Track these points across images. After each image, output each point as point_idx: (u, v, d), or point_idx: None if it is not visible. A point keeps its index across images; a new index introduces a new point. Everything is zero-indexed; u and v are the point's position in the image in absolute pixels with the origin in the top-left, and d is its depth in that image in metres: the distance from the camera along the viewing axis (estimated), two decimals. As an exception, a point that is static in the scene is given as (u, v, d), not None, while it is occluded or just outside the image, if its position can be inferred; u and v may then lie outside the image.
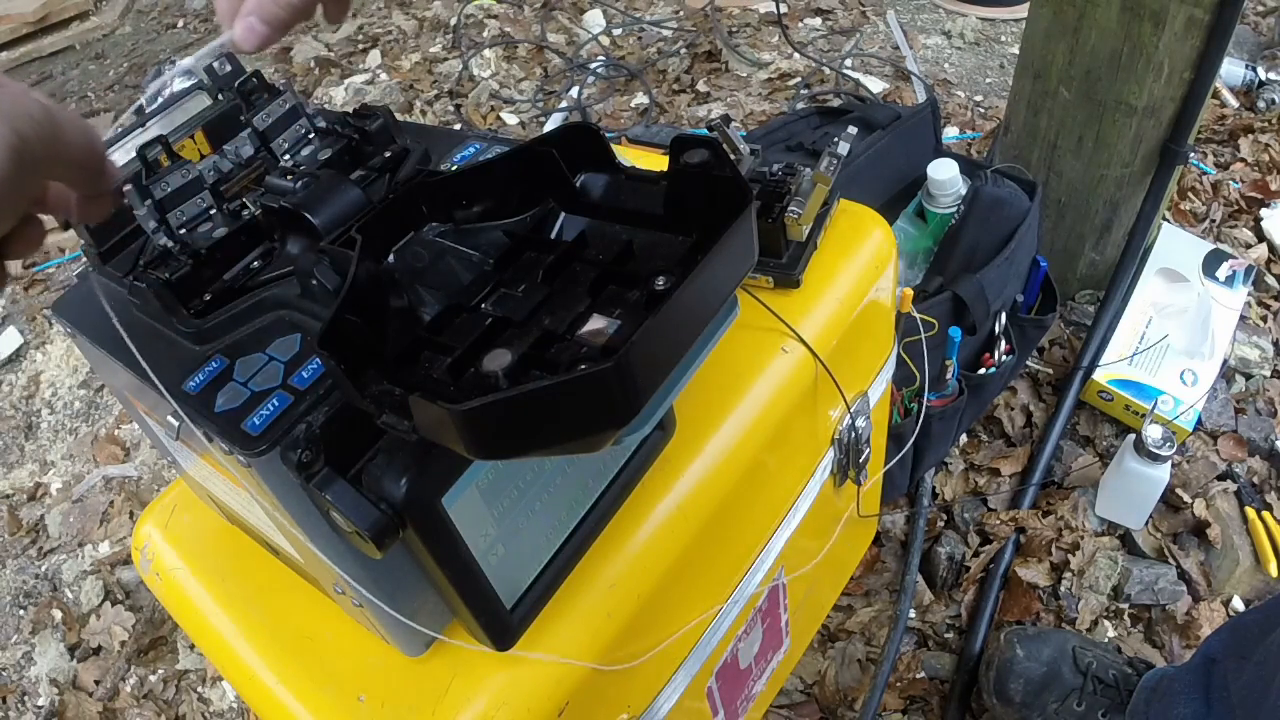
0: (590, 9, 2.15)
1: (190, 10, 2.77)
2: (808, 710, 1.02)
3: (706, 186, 0.38)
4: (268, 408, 0.41)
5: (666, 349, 0.35)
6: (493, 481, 0.46)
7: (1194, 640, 1.00)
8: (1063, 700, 0.89)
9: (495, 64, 2.04)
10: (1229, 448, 1.16)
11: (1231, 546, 1.05)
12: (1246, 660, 0.73)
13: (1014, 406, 1.23)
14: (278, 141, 0.55)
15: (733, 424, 0.62)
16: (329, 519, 0.42)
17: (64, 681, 1.21)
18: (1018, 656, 0.93)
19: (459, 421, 0.31)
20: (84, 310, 0.52)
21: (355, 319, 0.36)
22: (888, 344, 0.80)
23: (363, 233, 0.41)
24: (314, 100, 2.09)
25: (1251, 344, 1.25)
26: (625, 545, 0.56)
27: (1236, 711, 0.72)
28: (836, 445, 0.76)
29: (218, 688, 1.17)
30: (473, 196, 0.45)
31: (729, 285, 0.38)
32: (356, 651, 0.54)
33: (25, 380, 1.66)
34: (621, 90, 1.91)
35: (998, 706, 0.93)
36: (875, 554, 1.12)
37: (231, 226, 0.49)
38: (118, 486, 1.42)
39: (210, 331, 0.45)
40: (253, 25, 0.47)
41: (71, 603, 1.29)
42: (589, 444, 0.34)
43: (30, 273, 1.87)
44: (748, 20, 2.00)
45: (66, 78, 2.60)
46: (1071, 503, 1.11)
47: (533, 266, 0.41)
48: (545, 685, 0.52)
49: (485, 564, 0.46)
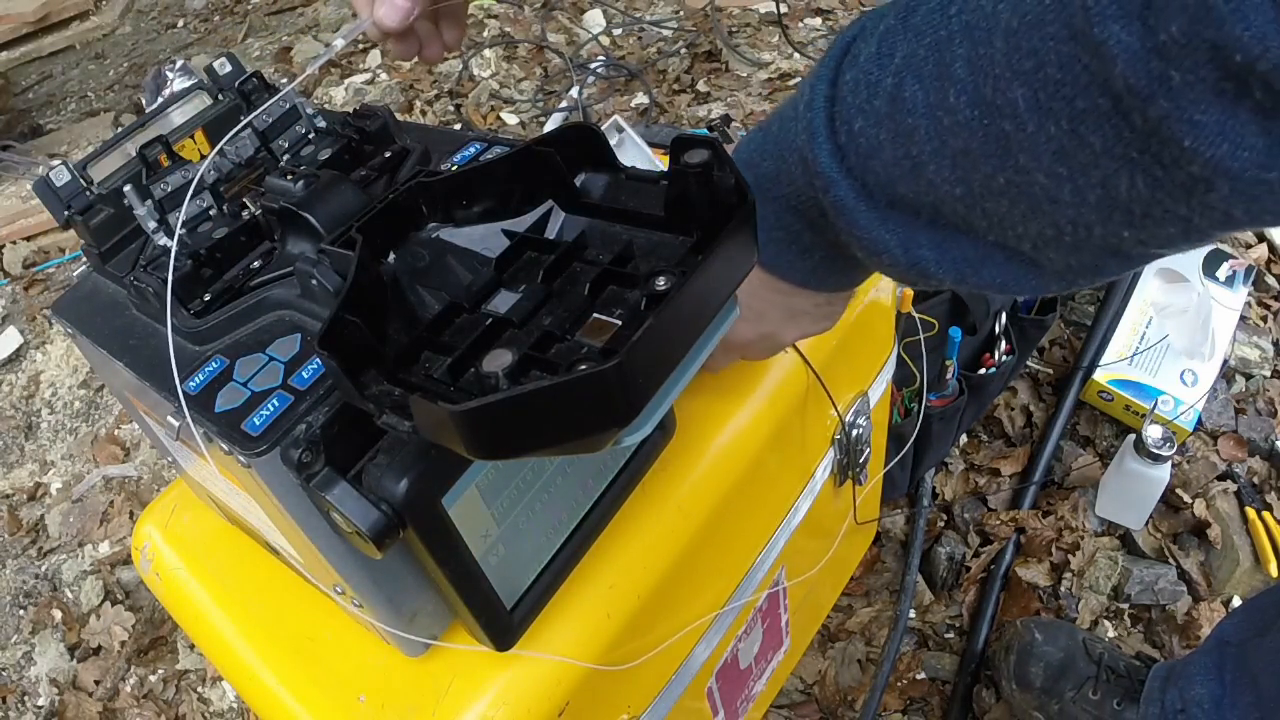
0: (590, 9, 2.15)
1: (190, 10, 2.77)
2: (808, 710, 1.02)
3: (707, 186, 0.38)
4: (268, 408, 0.41)
5: (667, 349, 0.35)
6: (493, 481, 0.46)
7: (1194, 640, 1.00)
8: (1079, 688, 0.89)
9: (495, 64, 2.04)
10: (1229, 448, 1.16)
11: (1231, 546, 1.05)
12: (1266, 634, 0.73)
13: (1014, 406, 1.23)
14: (278, 141, 0.55)
15: (733, 424, 0.62)
16: (329, 519, 0.42)
17: (64, 681, 1.21)
18: (1037, 641, 0.93)
19: (459, 422, 0.31)
20: (84, 310, 0.52)
21: (355, 319, 0.36)
22: (888, 344, 0.80)
23: (363, 233, 0.41)
24: (314, 100, 2.09)
25: (1251, 344, 1.25)
26: (625, 545, 0.56)
27: (1260, 680, 0.72)
28: (836, 445, 0.76)
29: (218, 688, 1.17)
30: (473, 196, 0.45)
31: (729, 285, 0.38)
32: (356, 651, 0.54)
33: (25, 380, 1.66)
34: (621, 90, 1.91)
35: (1017, 693, 0.93)
36: (875, 554, 1.12)
37: (231, 226, 0.49)
38: (118, 486, 1.42)
39: (210, 331, 0.45)
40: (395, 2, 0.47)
41: (71, 603, 1.29)
42: (589, 444, 0.34)
43: (30, 273, 1.87)
44: (748, 20, 2.00)
45: (66, 78, 2.60)
46: (1071, 503, 1.11)
47: (533, 266, 0.41)
48: (545, 685, 0.52)
49: (485, 564, 0.46)
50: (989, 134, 0.32)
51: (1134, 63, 0.26)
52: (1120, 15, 0.26)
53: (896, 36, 0.35)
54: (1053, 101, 0.29)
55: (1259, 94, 0.25)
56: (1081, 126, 0.29)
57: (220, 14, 2.73)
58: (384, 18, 0.48)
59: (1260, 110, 0.26)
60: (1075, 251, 0.35)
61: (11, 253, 1.90)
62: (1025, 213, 0.34)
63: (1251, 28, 0.24)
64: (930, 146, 0.34)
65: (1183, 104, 0.26)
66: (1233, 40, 0.24)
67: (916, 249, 0.39)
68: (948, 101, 0.33)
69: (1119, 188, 0.30)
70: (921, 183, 0.36)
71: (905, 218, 0.38)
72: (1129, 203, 0.30)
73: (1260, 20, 0.24)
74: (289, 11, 2.60)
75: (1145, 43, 0.26)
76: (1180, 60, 0.26)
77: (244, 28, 2.58)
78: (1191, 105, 0.26)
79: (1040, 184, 0.32)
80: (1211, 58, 0.25)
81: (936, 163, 0.35)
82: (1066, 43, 0.28)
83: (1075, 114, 0.29)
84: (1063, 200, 0.32)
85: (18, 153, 2.11)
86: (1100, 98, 0.28)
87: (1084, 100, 0.29)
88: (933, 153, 0.34)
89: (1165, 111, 0.27)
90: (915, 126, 0.34)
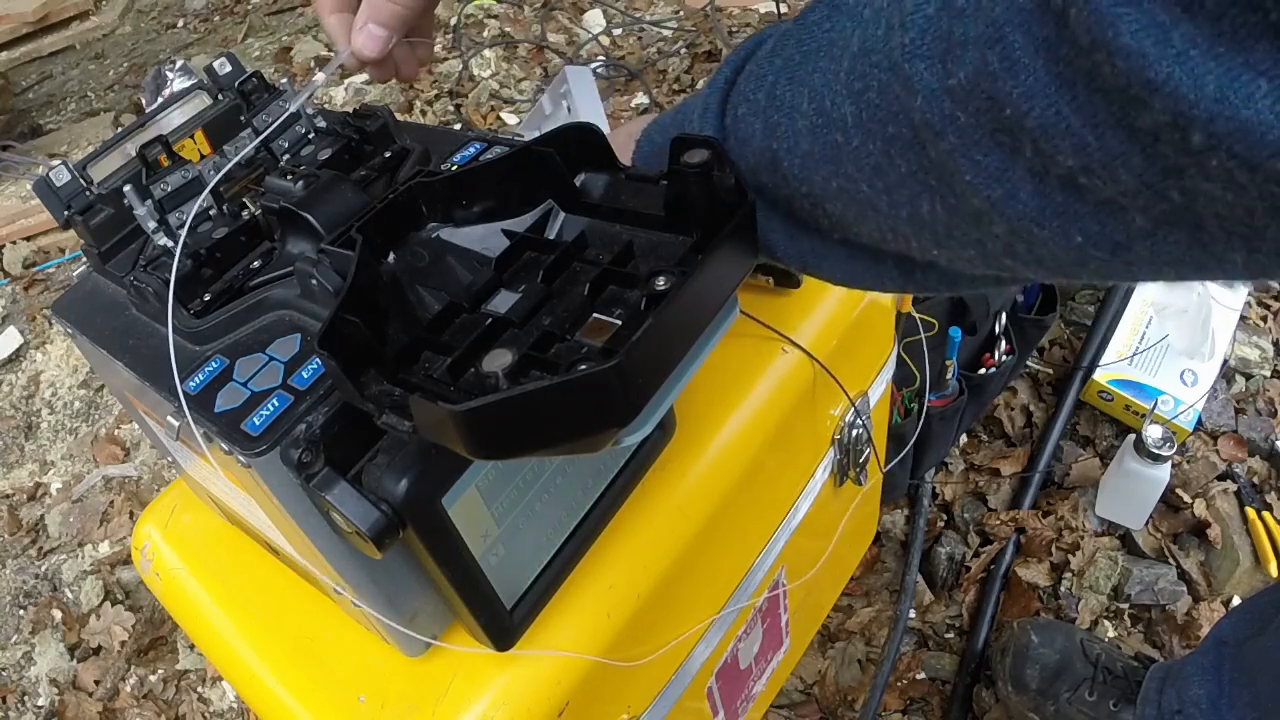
0: (590, 9, 2.15)
1: (190, 10, 2.77)
2: (808, 710, 1.02)
3: (706, 186, 0.38)
4: (268, 408, 0.41)
5: (667, 349, 0.35)
6: (493, 481, 0.46)
7: (1194, 640, 1.00)
8: (1075, 690, 0.89)
9: (495, 64, 2.04)
10: (1229, 448, 1.16)
11: (1231, 546, 1.05)
12: (1263, 634, 0.73)
13: (1014, 406, 1.23)
14: (278, 141, 0.55)
15: (733, 424, 0.62)
16: (329, 519, 0.42)
17: (64, 681, 1.21)
18: (1033, 643, 0.93)
19: (459, 422, 0.31)
20: (84, 310, 0.52)
21: (355, 319, 0.36)
22: (888, 344, 0.80)
23: (363, 233, 0.41)
24: (314, 100, 2.09)
25: (1251, 344, 1.25)
26: (625, 545, 0.56)
27: (1258, 680, 0.72)
28: (837, 445, 0.76)
29: (218, 688, 1.17)
30: (473, 196, 0.45)
31: (729, 285, 0.38)
32: (356, 651, 0.54)
33: (25, 380, 1.66)
34: (621, 90, 1.91)
35: (1013, 695, 0.93)
36: (875, 554, 1.12)
37: (231, 226, 0.49)
38: (118, 486, 1.42)
39: (210, 331, 0.45)
40: (372, 32, 0.48)
41: (71, 603, 1.29)
42: (589, 444, 0.34)
43: (30, 273, 1.87)
44: (748, 20, 2.00)
45: (66, 78, 2.60)
46: (1071, 503, 1.11)
47: (533, 266, 0.41)
48: (545, 685, 0.52)
49: (485, 564, 0.46)
50: (826, 142, 0.35)
51: (931, 99, 0.28)
52: (927, 55, 0.28)
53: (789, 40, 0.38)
54: (872, 123, 0.32)
55: (1029, 152, 0.27)
56: (892, 149, 0.31)
57: (220, 14, 2.73)
58: (362, 48, 0.48)
59: (1033, 170, 0.27)
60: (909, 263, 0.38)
61: (11, 253, 1.90)
62: (856, 216, 0.36)
63: (1021, 86, 0.25)
64: (787, 144, 0.37)
65: (967, 143, 0.28)
66: (1003, 95, 0.26)
67: (769, 233, 0.42)
68: (802, 107, 0.36)
69: (922, 209, 0.32)
70: (778, 176, 0.38)
71: (765, 203, 0.41)
72: (932, 223, 0.32)
73: (1029, 80, 0.25)
74: (289, 11, 2.61)
75: (942, 82, 0.28)
76: (965, 104, 0.27)
77: (244, 28, 2.58)
78: (974, 146, 0.28)
79: (864, 193, 0.34)
80: (989, 107, 0.27)
81: (790, 159, 0.37)
82: (887, 71, 0.30)
83: (887, 137, 0.31)
84: (882, 210, 0.34)
85: (18, 153, 2.11)
86: (904, 127, 0.30)
87: (894, 126, 0.31)
88: (788, 151, 0.37)
89: (952, 147, 0.29)
90: (779, 124, 0.37)
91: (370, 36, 0.48)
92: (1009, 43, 0.25)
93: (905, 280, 0.39)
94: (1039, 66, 0.25)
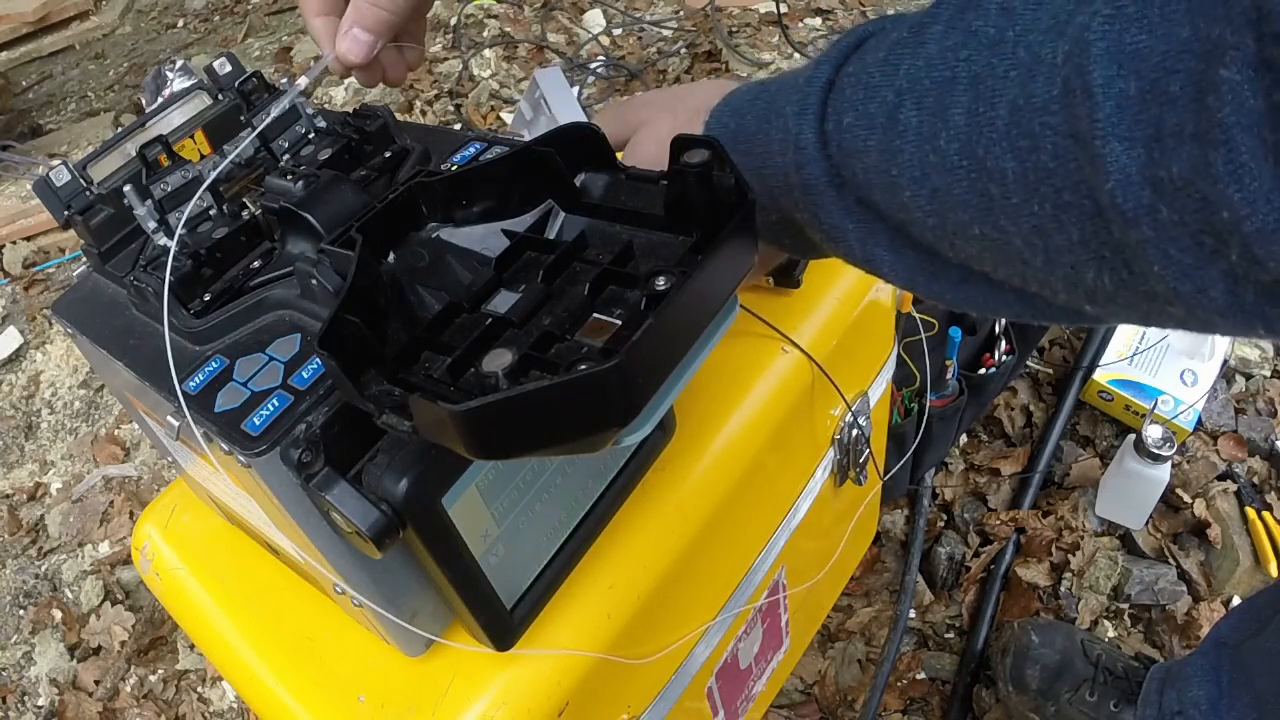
0: (590, 9, 2.15)
1: (190, 10, 2.77)
2: (808, 710, 1.02)
3: (706, 186, 0.38)
4: (268, 408, 0.41)
5: (667, 349, 0.35)
6: (493, 481, 0.46)
7: (1194, 640, 1.00)
8: (1075, 690, 0.89)
9: (495, 64, 2.04)
10: (1229, 448, 1.16)
11: (1231, 546, 1.05)
12: (1262, 634, 0.73)
13: (1014, 406, 1.23)
14: (278, 141, 0.55)
15: (733, 424, 0.62)
16: (329, 519, 0.42)
17: (64, 681, 1.21)
18: (1034, 643, 0.93)
19: (459, 422, 0.31)
20: (84, 310, 0.52)
21: (355, 319, 0.36)
22: (888, 344, 0.80)
23: (363, 233, 0.41)
24: (314, 100, 2.09)
25: (1251, 344, 1.25)
26: (625, 545, 0.56)
27: (1257, 681, 0.72)
28: (837, 445, 0.76)
29: (218, 688, 1.17)
30: (473, 196, 0.45)
31: (729, 285, 0.38)
32: (356, 651, 0.54)
33: (25, 380, 1.66)
34: (621, 90, 1.91)
35: (1013, 695, 0.93)
36: (875, 554, 1.12)
37: (231, 226, 0.49)
38: (118, 486, 1.42)
39: (210, 331, 0.45)
40: (356, 36, 0.47)
41: (71, 603, 1.29)
42: (589, 444, 0.34)
43: (30, 273, 1.87)
44: (748, 20, 2.00)
45: (66, 78, 2.60)
46: (1071, 503, 1.11)
47: (533, 266, 0.41)
48: (545, 685, 0.52)
49: (485, 564, 0.46)
50: (974, 189, 0.32)
51: (1127, 185, 0.26)
52: (1126, 137, 0.26)
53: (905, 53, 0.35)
54: (1041, 185, 0.29)
55: (1234, 255, 0.26)
56: (1064, 215, 0.29)
57: (220, 14, 2.73)
58: (347, 53, 0.47)
59: (1231, 273, 0.26)
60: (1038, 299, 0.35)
61: (11, 253, 1.90)
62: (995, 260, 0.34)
63: (1244, 191, 0.24)
64: (912, 174, 0.34)
65: (1164, 238, 0.27)
66: (1223, 198, 0.25)
67: (874, 247, 0.39)
68: (939, 144, 0.33)
69: (1087, 275, 0.30)
70: (896, 201, 0.36)
71: (870, 216, 0.39)
72: (1094, 290, 0.31)
73: (1254, 185, 0.24)
74: (289, 11, 2.60)
75: (1144, 171, 0.26)
76: (1172, 199, 0.26)
77: (244, 28, 2.58)
78: (1171, 242, 0.27)
79: (1015, 246, 0.32)
80: (1201, 208, 0.25)
81: (914, 190, 0.35)
82: (1066, 138, 0.28)
83: (1060, 204, 0.29)
84: (1034, 265, 0.32)
85: (18, 153, 2.11)
86: (1086, 199, 0.28)
87: (1071, 195, 0.29)
88: (912, 180, 0.35)
89: (1145, 237, 0.27)
90: (902, 150, 0.34)
91: (355, 41, 0.47)
92: (1235, 145, 0.24)
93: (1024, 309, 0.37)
94: (1265, 173, 0.24)
